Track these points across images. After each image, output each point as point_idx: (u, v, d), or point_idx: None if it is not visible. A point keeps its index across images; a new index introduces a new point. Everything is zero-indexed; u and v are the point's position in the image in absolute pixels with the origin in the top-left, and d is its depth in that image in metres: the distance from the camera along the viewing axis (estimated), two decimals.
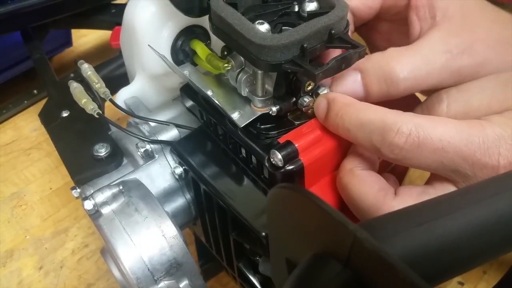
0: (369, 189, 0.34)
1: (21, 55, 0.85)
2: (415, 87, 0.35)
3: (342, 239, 0.20)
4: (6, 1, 0.69)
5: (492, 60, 0.35)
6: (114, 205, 0.38)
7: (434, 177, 0.35)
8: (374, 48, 0.49)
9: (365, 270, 0.20)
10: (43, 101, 0.86)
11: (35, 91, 0.88)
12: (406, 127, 0.31)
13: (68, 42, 0.94)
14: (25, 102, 0.87)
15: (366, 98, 0.36)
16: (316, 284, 0.21)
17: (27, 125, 0.85)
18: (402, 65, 0.34)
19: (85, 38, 1.02)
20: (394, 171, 0.40)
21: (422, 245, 0.22)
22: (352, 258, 0.20)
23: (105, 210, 0.38)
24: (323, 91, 0.37)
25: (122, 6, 0.78)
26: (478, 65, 0.34)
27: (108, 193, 0.38)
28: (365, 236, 0.19)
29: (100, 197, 0.38)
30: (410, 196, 0.33)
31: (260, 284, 0.44)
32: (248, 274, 0.44)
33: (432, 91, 0.36)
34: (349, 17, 0.41)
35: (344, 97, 0.35)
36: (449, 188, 0.33)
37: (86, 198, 0.37)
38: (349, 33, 0.36)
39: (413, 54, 0.35)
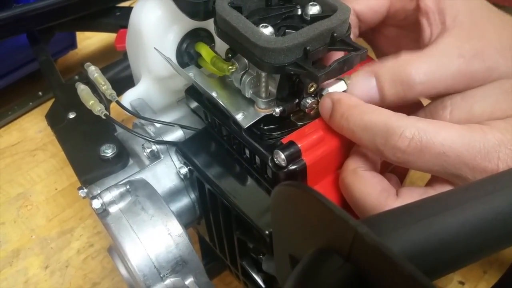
0: (372, 190, 0.34)
1: (26, 58, 0.85)
2: (430, 91, 0.35)
3: (344, 234, 0.21)
4: (12, 4, 0.70)
5: (500, 65, 0.35)
6: (122, 204, 0.39)
7: (435, 179, 0.35)
8: (381, 53, 0.49)
9: (366, 264, 0.21)
10: (48, 103, 0.87)
11: (40, 93, 0.89)
12: (409, 131, 0.31)
13: (72, 44, 0.95)
14: (30, 104, 0.88)
15: (382, 102, 0.36)
16: (318, 278, 0.22)
17: (32, 126, 0.86)
18: (418, 69, 0.34)
19: (89, 40, 1.03)
20: (395, 171, 0.41)
21: (421, 241, 0.22)
22: (353, 253, 0.21)
23: (113, 209, 0.39)
24: (326, 92, 0.38)
25: (127, 9, 0.80)
26: (489, 70, 0.35)
27: (115, 192, 0.39)
28: (366, 231, 0.20)
29: (108, 196, 0.39)
30: (412, 197, 0.34)
31: (263, 282, 0.45)
32: (252, 272, 0.45)
33: (440, 95, 0.36)
34: (355, 21, 0.41)
35: (350, 98, 0.35)
36: None
37: (94, 197, 0.38)
38: (352, 37, 0.37)
39: (427, 58, 0.35)
